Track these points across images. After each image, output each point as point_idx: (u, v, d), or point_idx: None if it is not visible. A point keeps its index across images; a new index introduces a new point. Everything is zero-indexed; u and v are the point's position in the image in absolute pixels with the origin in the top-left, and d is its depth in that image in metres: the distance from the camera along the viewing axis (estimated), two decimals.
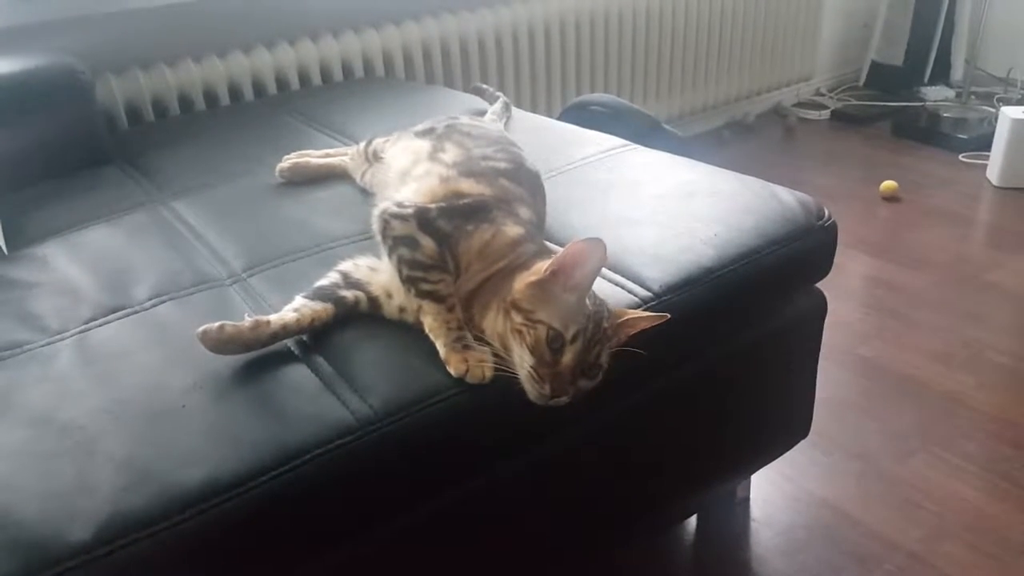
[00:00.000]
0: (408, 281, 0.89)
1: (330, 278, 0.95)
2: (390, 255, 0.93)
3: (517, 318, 0.84)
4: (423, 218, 0.93)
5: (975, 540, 1.30)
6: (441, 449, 0.83)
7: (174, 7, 1.82)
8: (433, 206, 0.95)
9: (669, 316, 0.89)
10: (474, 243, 0.92)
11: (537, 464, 0.93)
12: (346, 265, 0.97)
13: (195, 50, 1.87)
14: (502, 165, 1.07)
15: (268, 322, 0.87)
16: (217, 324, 0.85)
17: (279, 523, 0.74)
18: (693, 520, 1.38)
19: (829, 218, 1.15)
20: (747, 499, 1.40)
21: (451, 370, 0.83)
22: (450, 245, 0.91)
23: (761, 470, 1.36)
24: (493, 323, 0.87)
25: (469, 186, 1.00)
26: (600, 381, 0.86)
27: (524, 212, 1.01)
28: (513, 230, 0.94)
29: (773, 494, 1.42)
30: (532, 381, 0.82)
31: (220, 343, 0.85)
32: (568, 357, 0.82)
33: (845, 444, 1.52)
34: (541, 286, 0.84)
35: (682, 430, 1.10)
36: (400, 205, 0.95)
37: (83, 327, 0.96)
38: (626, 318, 0.88)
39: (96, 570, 0.66)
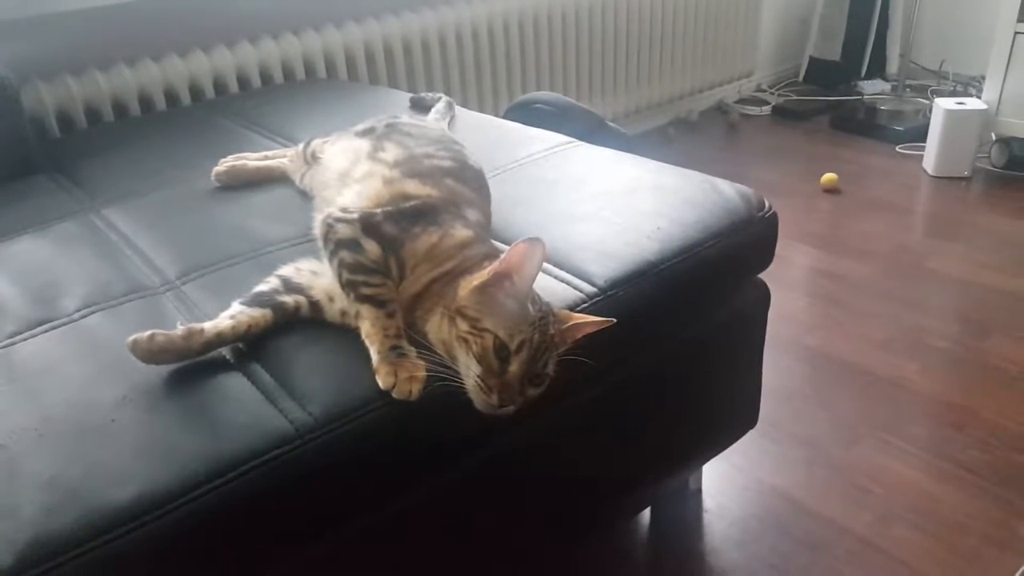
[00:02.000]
0: (348, 285, 0.87)
1: (269, 283, 0.93)
2: (330, 259, 0.90)
3: (463, 325, 0.82)
4: (368, 222, 0.91)
5: (922, 522, 1.33)
6: (385, 455, 0.81)
7: (106, 10, 1.76)
8: (379, 210, 0.93)
9: (615, 320, 0.88)
10: (420, 245, 0.90)
11: (485, 465, 0.92)
12: (287, 269, 0.95)
13: (129, 54, 1.82)
14: (446, 164, 1.06)
15: (202, 330, 0.84)
16: (148, 333, 0.81)
17: (216, 538, 0.72)
18: (647, 513, 1.39)
19: (769, 209, 1.17)
20: (699, 490, 1.42)
21: (379, 381, 0.80)
22: (395, 248, 0.89)
23: (712, 460, 1.37)
24: (437, 329, 0.85)
25: (415, 187, 0.99)
26: (547, 387, 0.85)
27: (472, 214, 0.99)
28: (462, 232, 0.93)
29: (724, 484, 1.43)
30: (479, 391, 0.80)
31: (151, 353, 0.81)
32: (515, 367, 0.81)
33: (793, 432, 1.54)
34: (485, 290, 0.83)
35: (630, 424, 1.10)
36: (345, 210, 0.93)
37: (7, 342, 0.92)
38: (572, 323, 0.87)
39: None
